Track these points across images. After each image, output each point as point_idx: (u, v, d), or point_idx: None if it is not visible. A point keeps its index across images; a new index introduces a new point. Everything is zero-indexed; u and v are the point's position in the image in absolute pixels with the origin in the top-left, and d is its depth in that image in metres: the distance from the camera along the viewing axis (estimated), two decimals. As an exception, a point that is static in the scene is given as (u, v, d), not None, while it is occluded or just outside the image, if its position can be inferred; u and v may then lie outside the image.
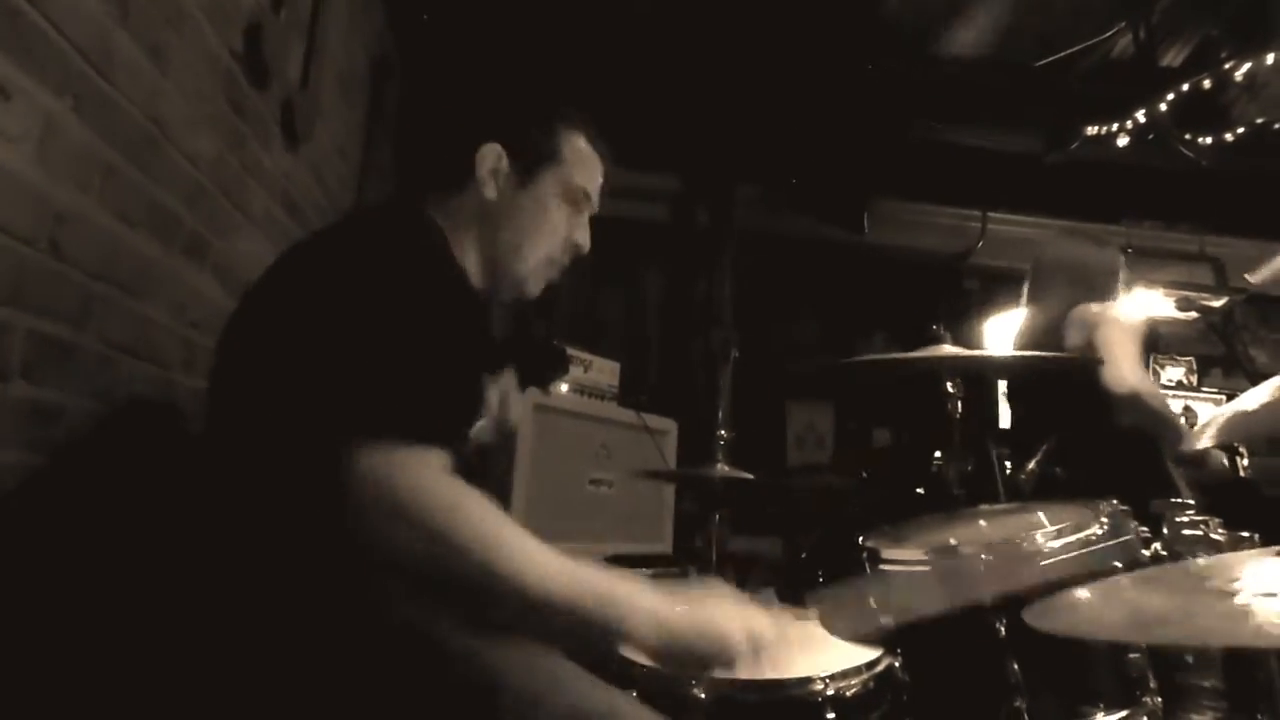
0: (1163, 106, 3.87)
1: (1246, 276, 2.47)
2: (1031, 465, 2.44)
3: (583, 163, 1.43)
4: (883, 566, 1.55)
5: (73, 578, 1.29)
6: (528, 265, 1.40)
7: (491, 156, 1.35)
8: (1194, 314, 2.57)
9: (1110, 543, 1.45)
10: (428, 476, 0.95)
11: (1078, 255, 2.90)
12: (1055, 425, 2.59)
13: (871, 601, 1.44)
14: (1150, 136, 4.06)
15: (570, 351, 3.68)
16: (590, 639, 1.05)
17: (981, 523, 1.82)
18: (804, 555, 3.90)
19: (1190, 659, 1.49)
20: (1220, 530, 1.50)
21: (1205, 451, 2.53)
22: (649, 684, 1.39)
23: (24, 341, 1.26)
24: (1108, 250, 2.93)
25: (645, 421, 3.69)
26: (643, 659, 1.41)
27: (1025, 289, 2.97)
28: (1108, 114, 4.11)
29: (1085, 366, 2.50)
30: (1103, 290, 2.79)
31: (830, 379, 4.91)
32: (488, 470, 3.21)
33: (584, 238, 1.45)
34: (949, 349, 1.90)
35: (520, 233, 1.38)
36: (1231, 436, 1.75)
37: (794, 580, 3.80)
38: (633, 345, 5.00)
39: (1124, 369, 2.49)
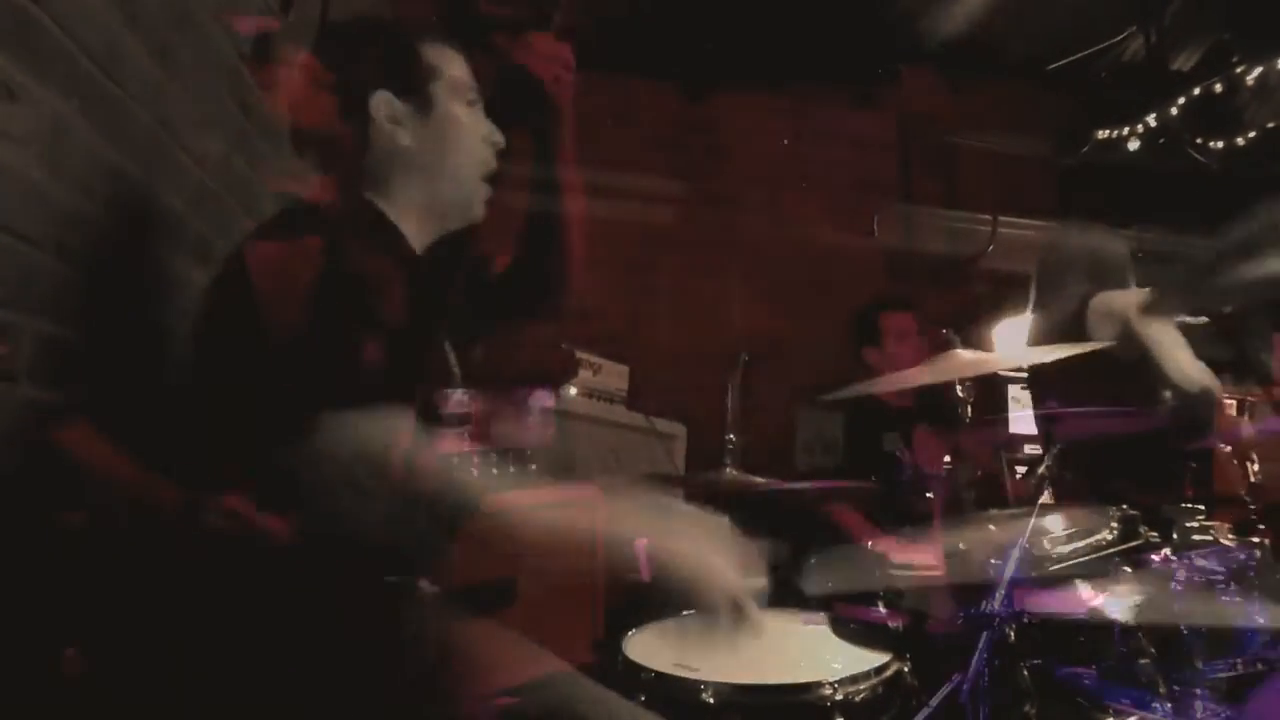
0: (1174, 110, 3.85)
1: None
2: (1041, 469, 2.41)
3: (453, 60, 1.41)
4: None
5: (69, 576, 1.30)
6: (468, 184, 1.41)
7: (383, 104, 1.33)
8: (1204, 318, 2.52)
9: (1120, 547, 1.44)
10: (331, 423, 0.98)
11: (1090, 245, 2.79)
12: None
13: None
14: (1161, 140, 4.04)
15: (579, 355, 3.67)
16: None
17: (991, 527, 1.81)
18: (812, 561, 3.87)
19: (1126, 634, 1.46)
20: (1229, 536, 1.49)
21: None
22: (656, 689, 1.39)
23: (30, 343, 1.26)
24: (1117, 239, 2.82)
25: (654, 426, 3.68)
26: (649, 664, 1.41)
27: (1034, 287, 2.85)
28: (1119, 118, 4.08)
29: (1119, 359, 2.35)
30: (1118, 279, 2.68)
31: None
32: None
33: (493, 130, 1.44)
34: (960, 352, 1.90)
35: (448, 154, 1.38)
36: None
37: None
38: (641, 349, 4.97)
39: (1184, 364, 2.33)
